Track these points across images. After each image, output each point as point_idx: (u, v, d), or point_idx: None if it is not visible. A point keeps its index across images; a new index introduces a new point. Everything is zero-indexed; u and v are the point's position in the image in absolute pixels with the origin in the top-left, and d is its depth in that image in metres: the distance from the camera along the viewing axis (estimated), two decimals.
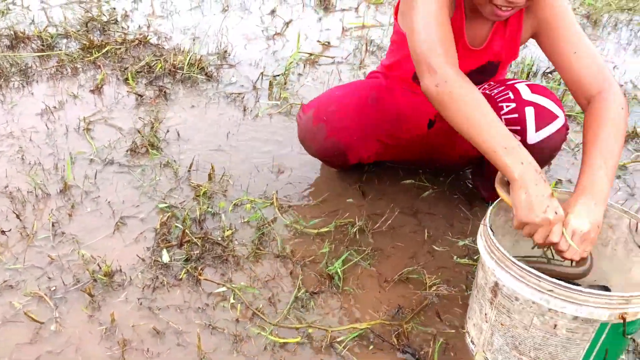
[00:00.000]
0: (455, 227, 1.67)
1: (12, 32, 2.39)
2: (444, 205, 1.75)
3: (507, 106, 1.44)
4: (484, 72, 1.56)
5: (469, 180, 1.86)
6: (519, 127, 1.41)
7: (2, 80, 2.13)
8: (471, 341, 1.28)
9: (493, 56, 1.53)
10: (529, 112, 1.42)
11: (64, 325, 1.28)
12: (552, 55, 1.38)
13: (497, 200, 1.26)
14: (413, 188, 1.81)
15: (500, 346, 1.18)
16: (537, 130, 1.42)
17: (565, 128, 1.47)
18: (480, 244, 1.17)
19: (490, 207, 1.22)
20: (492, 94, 1.51)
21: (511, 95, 1.46)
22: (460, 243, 1.61)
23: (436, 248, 1.59)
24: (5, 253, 1.44)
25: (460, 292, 1.45)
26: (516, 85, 1.48)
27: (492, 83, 1.57)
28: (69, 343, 1.24)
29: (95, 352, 1.23)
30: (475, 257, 1.54)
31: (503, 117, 1.42)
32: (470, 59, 1.50)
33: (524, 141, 1.39)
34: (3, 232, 1.49)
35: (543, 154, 1.45)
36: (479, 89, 1.60)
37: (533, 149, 1.27)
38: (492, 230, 1.16)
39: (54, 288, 1.36)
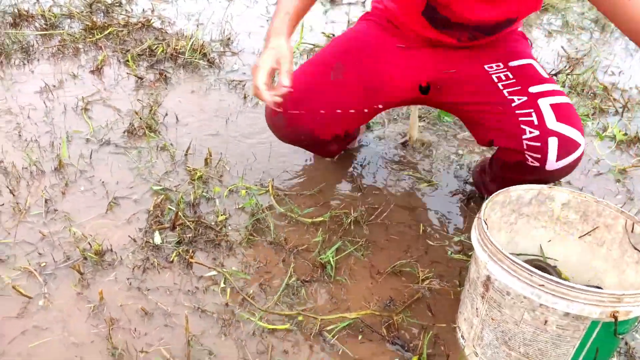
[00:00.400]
0: (451, 222, 1.66)
1: (15, 10, 2.38)
2: (440, 200, 1.73)
3: (530, 132, 1.36)
4: (497, 27, 1.42)
5: (467, 176, 1.84)
6: (539, 155, 1.35)
7: (4, 57, 2.12)
8: (461, 336, 1.26)
9: (513, 11, 1.38)
10: (552, 143, 1.35)
11: (52, 301, 1.27)
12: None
13: (493, 194, 1.25)
14: (410, 181, 1.79)
15: (490, 341, 1.17)
16: (557, 160, 1.36)
17: (583, 153, 1.41)
18: (474, 237, 1.16)
19: (486, 202, 1.21)
20: (512, 105, 1.39)
21: (535, 119, 1.36)
22: (456, 239, 1.60)
23: (431, 243, 1.58)
24: None
25: (452, 287, 1.44)
26: (540, 102, 1.37)
27: (509, 75, 1.43)
28: (57, 319, 1.24)
29: (82, 329, 1.22)
30: (469, 253, 1.53)
31: (525, 141, 1.36)
32: (485, 12, 1.36)
33: (542, 167, 1.36)
34: None
35: (559, 176, 1.43)
36: (491, 71, 1.47)
37: (549, 173, 1.35)
38: (486, 224, 1.14)
39: (44, 264, 1.35)
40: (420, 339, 1.28)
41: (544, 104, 1.38)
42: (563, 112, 1.37)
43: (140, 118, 1.89)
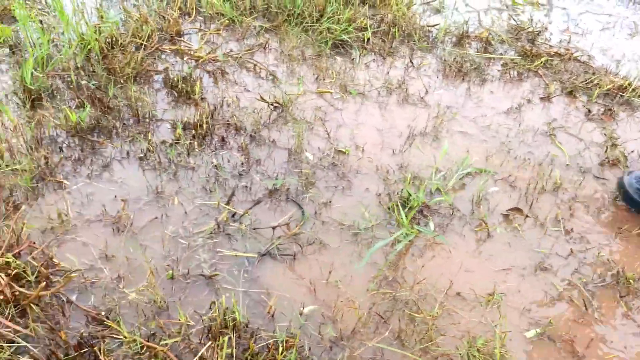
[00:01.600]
0: None
1: (459, 31, 2.67)
2: None
3: None
4: None
5: None
6: None
7: (463, 74, 2.40)
8: None
9: None
10: None
11: (603, 315, 1.43)
12: None
13: None
14: None
15: None
16: None
17: None
18: None
19: None
20: None
21: None
22: None
23: None
24: (528, 235, 1.65)
25: None
26: None
27: None
28: (619, 336, 1.39)
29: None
30: None
31: None
32: None
33: None
34: (527, 216, 1.71)
35: None
36: None
37: None
38: None
39: (584, 280, 1.53)
40: None
41: None
42: None
43: (607, 151, 2.00)
